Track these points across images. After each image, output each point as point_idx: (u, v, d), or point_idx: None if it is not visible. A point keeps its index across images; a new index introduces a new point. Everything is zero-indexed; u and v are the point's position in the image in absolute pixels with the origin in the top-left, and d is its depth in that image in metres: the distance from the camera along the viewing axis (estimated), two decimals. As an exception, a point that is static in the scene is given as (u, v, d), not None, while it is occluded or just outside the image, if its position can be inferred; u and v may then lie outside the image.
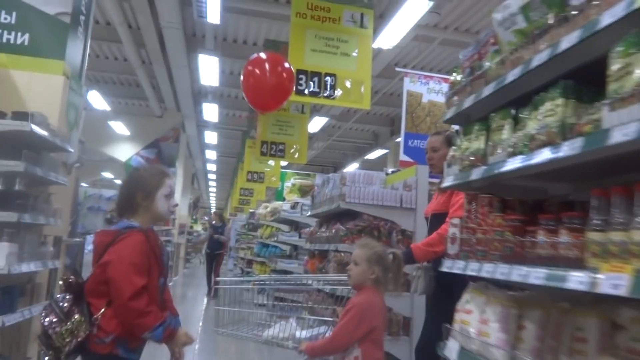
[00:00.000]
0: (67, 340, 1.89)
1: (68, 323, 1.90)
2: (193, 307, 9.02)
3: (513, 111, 1.66)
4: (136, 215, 2.10)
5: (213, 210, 33.85)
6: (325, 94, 4.51)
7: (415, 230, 3.73)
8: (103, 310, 1.94)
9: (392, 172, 4.48)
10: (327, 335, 2.52)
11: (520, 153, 1.52)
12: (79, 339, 1.89)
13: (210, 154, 17.53)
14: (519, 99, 1.67)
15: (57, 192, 3.59)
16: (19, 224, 2.67)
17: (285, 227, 8.63)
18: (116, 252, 1.95)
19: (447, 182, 1.99)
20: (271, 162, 11.33)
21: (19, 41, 3.70)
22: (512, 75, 1.59)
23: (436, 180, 4.05)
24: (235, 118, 14.10)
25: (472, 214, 1.83)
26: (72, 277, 2.05)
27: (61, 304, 1.96)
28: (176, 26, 7.52)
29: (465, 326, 1.71)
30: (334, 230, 3.85)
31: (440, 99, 4.61)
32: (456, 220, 1.91)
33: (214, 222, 11.44)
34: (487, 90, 1.74)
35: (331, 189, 4.14)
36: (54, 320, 1.91)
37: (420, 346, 2.91)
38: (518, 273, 1.41)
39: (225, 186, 25.73)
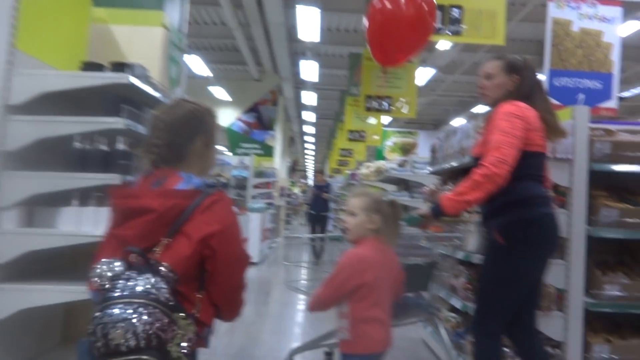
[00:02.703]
0: (185, 348, 1.36)
1: (177, 325, 1.36)
2: (297, 269, 8.93)
3: None
4: (188, 167, 1.57)
5: (311, 172, 34.18)
6: (451, 30, 3.84)
7: (572, 185, 3.04)
8: (200, 299, 1.48)
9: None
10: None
11: None
12: (196, 345, 1.40)
13: (308, 116, 17.32)
14: None
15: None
16: (123, 187, 2.43)
17: (390, 187, 8.12)
18: (218, 221, 1.47)
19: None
20: (371, 121, 10.79)
21: (116, -7, 3.48)
22: None
23: (600, 126, 3.29)
24: (334, 77, 13.67)
25: None
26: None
27: (163, 296, 1.36)
28: (272, -20, 7.14)
29: None
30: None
31: (595, 25, 3.72)
32: None
33: (316, 182, 10.95)
34: None
35: (460, 140, 3.53)
36: (166, 321, 1.33)
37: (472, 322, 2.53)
38: None
39: (322, 148, 25.64)
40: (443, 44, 9.03)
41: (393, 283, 2.17)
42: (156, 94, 2.84)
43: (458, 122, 15.73)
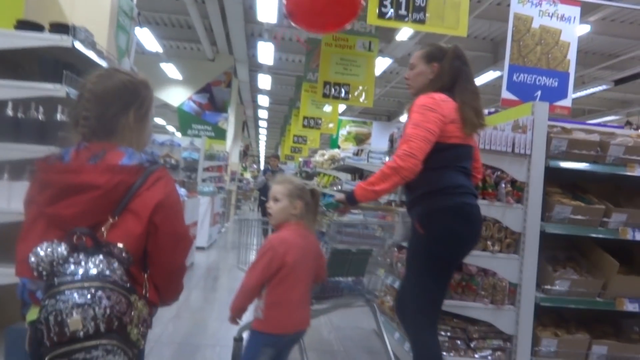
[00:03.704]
0: (142, 330, 1.30)
1: (134, 307, 1.29)
2: (246, 255, 8.76)
3: None
4: (121, 142, 1.46)
5: (263, 157, 33.80)
6: (414, 18, 3.77)
7: (529, 181, 3.05)
8: (146, 278, 1.41)
9: (490, 112, 3.76)
10: None
11: None
12: (148, 327, 1.35)
13: (262, 100, 17.01)
14: None
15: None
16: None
17: (344, 176, 8.07)
18: (163, 197, 1.40)
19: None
20: (327, 109, 10.69)
21: (59, -51, 3.16)
22: None
23: (558, 124, 3.33)
24: (289, 63, 13.44)
25: None
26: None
27: (119, 278, 1.28)
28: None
29: None
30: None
31: (554, 23, 3.76)
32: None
33: (269, 166, 10.66)
34: None
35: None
36: (125, 304, 1.26)
37: (397, 304, 2.64)
38: None
39: (275, 134, 25.36)
40: (401, 35, 9.02)
41: (313, 266, 2.25)
42: (102, 62, 2.60)
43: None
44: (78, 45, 2.29)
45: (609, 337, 3.13)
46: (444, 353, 2.97)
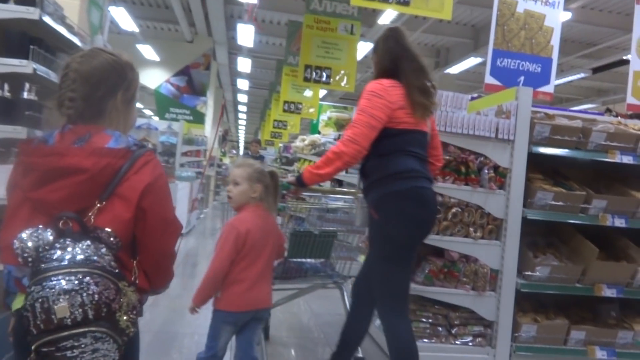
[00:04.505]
0: (132, 317, 1.27)
1: (122, 293, 1.27)
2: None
3: None
4: (109, 124, 1.41)
5: (243, 142, 33.47)
6: (398, 0, 3.68)
7: (512, 167, 3.03)
8: (135, 265, 1.38)
9: (473, 97, 3.72)
10: None
11: None
12: (138, 314, 1.32)
13: (242, 84, 16.75)
14: None
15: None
16: (29, 142, 2.07)
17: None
18: (151, 180, 1.37)
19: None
20: (307, 93, 10.57)
21: None
22: None
23: (540, 109, 3.31)
24: (270, 46, 13.24)
25: None
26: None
27: (107, 264, 1.24)
28: None
29: None
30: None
31: (539, 8, 3.72)
32: None
33: (249, 152, 10.54)
34: None
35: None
36: (113, 290, 1.22)
37: (355, 283, 2.72)
38: None
39: (254, 119, 25.10)
40: (384, 18, 8.94)
41: (272, 245, 2.31)
42: (73, 38, 2.47)
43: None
44: (46, 19, 2.15)
45: (586, 322, 3.16)
46: (425, 340, 2.96)
